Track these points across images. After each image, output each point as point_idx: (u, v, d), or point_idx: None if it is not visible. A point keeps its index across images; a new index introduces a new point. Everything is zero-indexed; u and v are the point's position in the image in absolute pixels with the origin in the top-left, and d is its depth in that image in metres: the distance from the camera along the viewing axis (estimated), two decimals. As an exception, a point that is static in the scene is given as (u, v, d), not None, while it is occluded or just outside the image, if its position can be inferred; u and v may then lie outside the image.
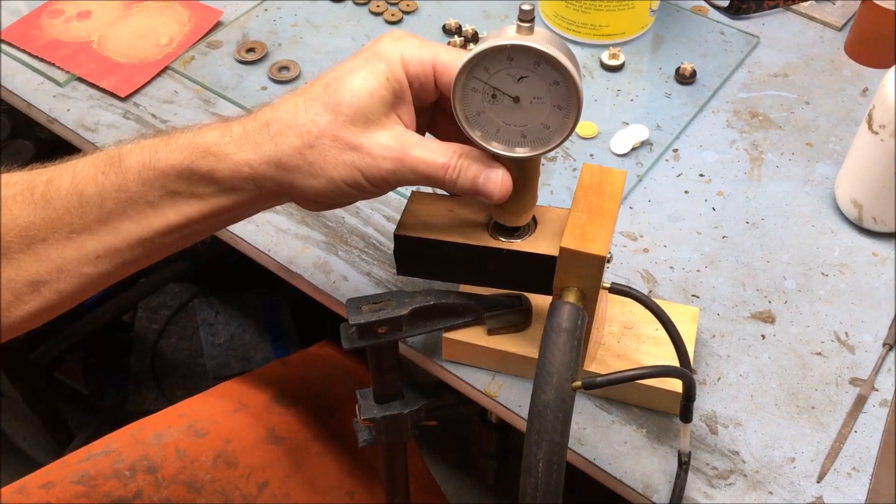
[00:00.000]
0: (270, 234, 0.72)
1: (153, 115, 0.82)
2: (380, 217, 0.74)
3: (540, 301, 0.61)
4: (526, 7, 0.46)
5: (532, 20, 0.46)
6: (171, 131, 0.53)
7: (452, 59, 0.50)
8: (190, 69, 0.86)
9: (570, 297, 0.50)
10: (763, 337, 0.65)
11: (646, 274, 0.69)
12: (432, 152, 0.50)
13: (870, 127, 0.67)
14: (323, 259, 0.71)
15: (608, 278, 0.53)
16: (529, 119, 0.48)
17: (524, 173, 0.52)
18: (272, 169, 0.50)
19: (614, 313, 0.62)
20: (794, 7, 0.94)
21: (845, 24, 0.92)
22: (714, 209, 0.74)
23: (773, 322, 0.66)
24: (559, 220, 0.56)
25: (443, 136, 0.56)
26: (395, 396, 0.62)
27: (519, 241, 0.54)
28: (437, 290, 0.58)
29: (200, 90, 0.84)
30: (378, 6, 0.92)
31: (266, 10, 0.93)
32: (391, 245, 0.67)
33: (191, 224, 0.52)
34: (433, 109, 0.55)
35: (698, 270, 0.70)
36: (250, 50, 0.87)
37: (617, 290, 0.53)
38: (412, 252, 0.56)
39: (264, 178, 0.50)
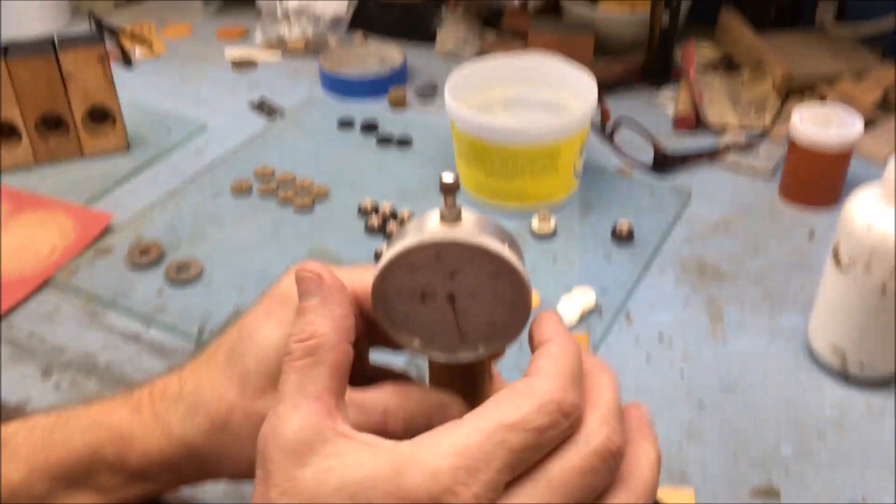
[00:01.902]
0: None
1: (30, 335, 0.71)
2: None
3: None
4: (448, 180, 0.37)
5: (456, 192, 0.37)
6: (68, 409, 0.44)
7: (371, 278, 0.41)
8: (76, 280, 0.76)
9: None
10: (771, 519, 0.55)
11: (621, 458, 0.59)
12: (359, 409, 0.39)
13: (837, 264, 0.61)
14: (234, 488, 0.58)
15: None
16: (469, 318, 0.39)
17: (472, 379, 0.42)
18: (185, 453, 0.41)
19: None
20: (718, 160, 0.91)
21: (775, 170, 0.89)
22: (683, 374, 0.66)
23: (779, 497, 0.56)
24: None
25: (391, 345, 0.46)
26: None
27: None
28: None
29: (87, 303, 0.74)
30: (286, 195, 0.85)
31: (163, 209, 0.85)
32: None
33: None
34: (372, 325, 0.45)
35: (680, 445, 0.60)
36: (144, 252, 0.78)
37: None
38: None
39: (178, 464, 0.42)
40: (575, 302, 0.70)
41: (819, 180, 0.82)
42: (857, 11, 1.08)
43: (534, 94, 0.87)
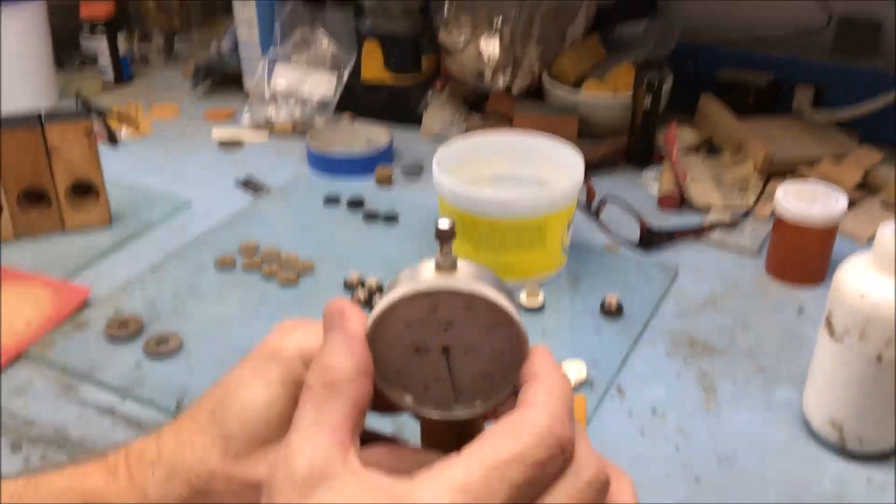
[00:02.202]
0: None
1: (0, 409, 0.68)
2: None
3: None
4: (444, 226, 0.36)
5: (451, 240, 0.36)
6: (40, 473, 0.42)
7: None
8: (51, 353, 0.73)
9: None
10: None
11: (617, 536, 0.56)
12: None
13: (831, 334, 0.60)
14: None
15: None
16: (464, 372, 0.37)
17: (466, 436, 0.40)
18: None
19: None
20: (704, 238, 0.91)
21: (760, 248, 0.89)
22: (678, 448, 0.64)
23: (783, 578, 0.54)
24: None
25: (380, 406, 0.45)
26: None
27: None
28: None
29: (61, 376, 0.71)
30: (270, 269, 0.84)
31: (144, 284, 0.83)
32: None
33: None
34: None
35: (678, 523, 0.57)
36: (123, 325, 0.76)
37: None
38: None
39: None
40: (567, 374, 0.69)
41: (805, 256, 0.82)
42: (833, 98, 1.11)
43: (520, 171, 0.88)
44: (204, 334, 0.75)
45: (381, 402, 0.38)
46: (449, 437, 0.38)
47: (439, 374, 0.37)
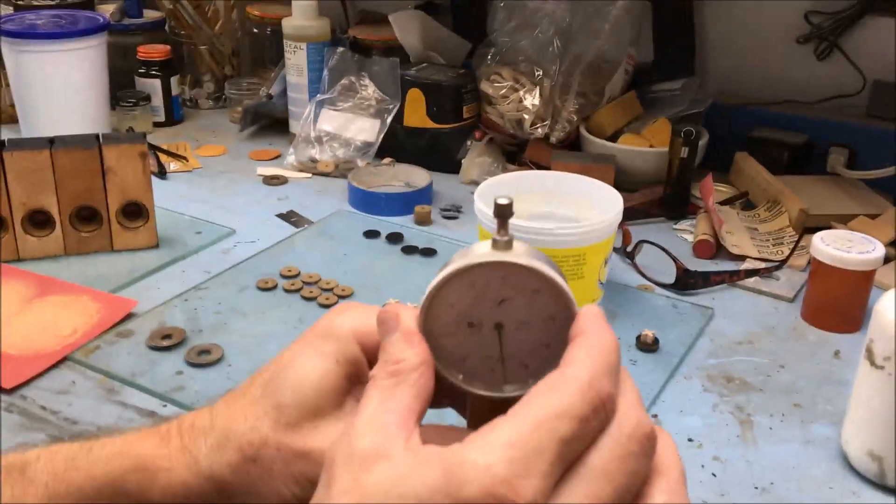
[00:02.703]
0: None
1: (42, 408, 0.69)
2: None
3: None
4: (503, 202, 0.38)
5: (509, 217, 0.38)
6: (92, 438, 0.43)
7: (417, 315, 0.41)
8: (93, 359, 0.75)
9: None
10: None
11: (653, 553, 0.56)
12: None
13: (872, 363, 0.60)
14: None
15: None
16: (515, 349, 0.38)
17: None
18: (211, 489, 0.40)
19: None
20: (740, 284, 0.92)
21: (796, 295, 0.89)
22: (714, 475, 0.63)
23: None
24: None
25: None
26: None
27: None
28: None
29: (104, 380, 0.73)
30: (311, 292, 0.85)
31: (186, 300, 0.85)
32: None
33: None
34: None
35: (715, 545, 0.57)
36: (166, 336, 0.77)
37: None
38: None
39: (202, 502, 0.40)
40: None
41: (842, 302, 0.82)
42: (868, 160, 1.12)
43: (559, 209, 0.89)
44: (244, 348, 0.77)
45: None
46: (495, 414, 0.39)
47: (491, 351, 0.38)
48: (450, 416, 0.40)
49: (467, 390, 0.38)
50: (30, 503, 0.41)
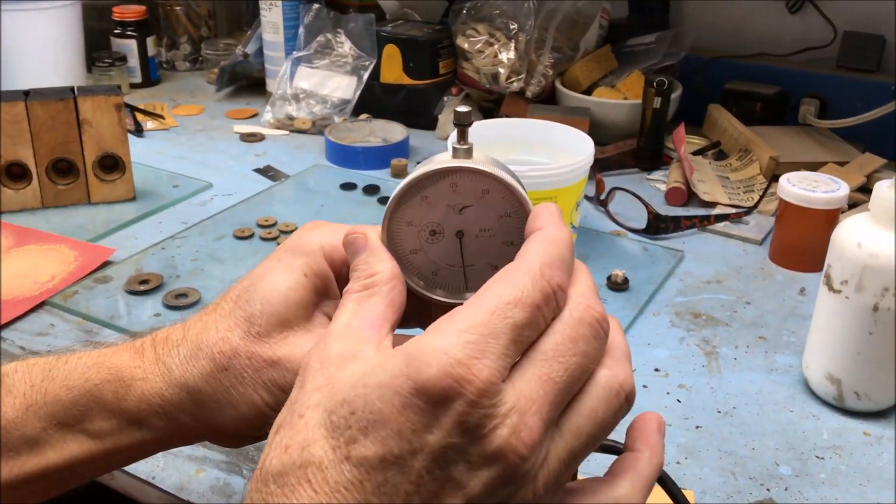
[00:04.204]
0: (156, 459, 0.58)
1: (21, 348, 0.70)
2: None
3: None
4: (462, 108, 0.39)
5: (469, 125, 0.39)
6: (69, 351, 0.44)
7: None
8: (71, 303, 0.76)
9: None
10: (772, 529, 0.53)
11: (618, 471, 0.58)
12: None
13: (829, 288, 0.62)
14: (223, 481, 0.56)
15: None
16: (475, 256, 0.40)
17: None
18: (185, 398, 0.41)
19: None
20: (709, 228, 0.93)
21: (765, 239, 0.91)
22: (679, 401, 0.65)
23: (780, 511, 0.55)
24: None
25: None
26: None
27: None
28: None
29: (82, 321, 0.74)
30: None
31: (164, 248, 0.86)
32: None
33: (73, 467, 0.42)
34: None
35: (678, 462, 0.59)
36: (144, 281, 0.78)
37: None
38: None
39: (177, 410, 0.42)
40: (571, 334, 0.71)
41: (807, 242, 0.84)
42: (839, 110, 1.14)
43: (533, 157, 0.91)
44: (222, 291, 0.77)
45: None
46: None
47: (454, 260, 0.39)
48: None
49: (430, 298, 0.40)
50: (8, 412, 0.42)
